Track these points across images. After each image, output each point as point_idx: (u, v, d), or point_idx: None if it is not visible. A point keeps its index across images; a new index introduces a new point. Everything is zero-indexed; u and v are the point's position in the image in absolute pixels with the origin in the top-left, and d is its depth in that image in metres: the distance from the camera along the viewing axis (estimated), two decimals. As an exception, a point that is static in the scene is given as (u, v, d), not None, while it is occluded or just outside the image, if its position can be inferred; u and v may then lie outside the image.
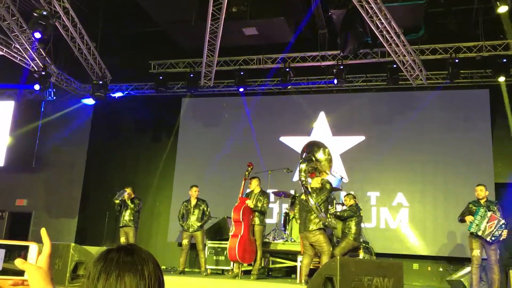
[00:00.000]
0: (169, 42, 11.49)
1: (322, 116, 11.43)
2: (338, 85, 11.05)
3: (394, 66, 10.34)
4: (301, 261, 7.33)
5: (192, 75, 11.56)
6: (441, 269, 10.02)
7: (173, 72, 12.04)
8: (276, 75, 11.46)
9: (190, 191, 8.95)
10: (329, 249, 7.00)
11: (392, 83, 10.58)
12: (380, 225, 10.56)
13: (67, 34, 10.44)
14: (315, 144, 7.90)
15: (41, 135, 12.91)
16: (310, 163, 7.46)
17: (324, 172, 7.48)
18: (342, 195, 9.21)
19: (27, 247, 1.23)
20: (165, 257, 10.90)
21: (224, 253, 9.11)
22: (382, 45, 9.90)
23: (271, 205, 9.75)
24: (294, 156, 9.84)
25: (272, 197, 9.74)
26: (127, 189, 9.26)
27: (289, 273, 9.69)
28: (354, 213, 8.12)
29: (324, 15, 10.61)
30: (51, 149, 12.87)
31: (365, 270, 5.57)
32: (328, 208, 7.47)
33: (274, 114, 11.76)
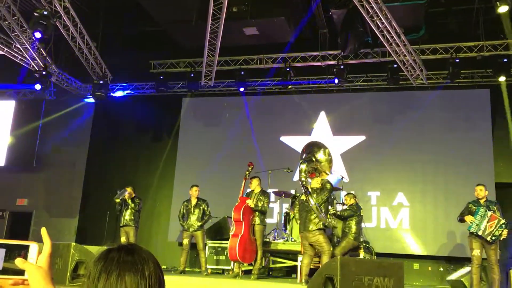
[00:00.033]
0: (170, 42, 11.50)
1: (323, 116, 11.43)
2: (339, 85, 11.05)
3: (395, 66, 10.35)
4: (301, 261, 7.32)
5: (193, 75, 11.58)
6: (442, 269, 10.02)
7: (174, 72, 12.05)
8: (277, 75, 11.46)
9: (191, 191, 8.94)
10: (330, 249, 6.99)
11: (393, 83, 10.59)
12: (381, 225, 10.55)
13: (68, 34, 10.44)
14: (315, 145, 7.88)
15: (42, 135, 12.91)
16: (310, 164, 7.45)
17: (324, 173, 7.47)
18: (343, 195, 9.20)
19: (28, 247, 1.23)
20: (166, 257, 10.90)
21: (225, 253, 9.11)
22: (383, 45, 9.90)
23: (272, 205, 9.76)
24: (295, 156, 9.83)
25: (273, 197, 9.73)
26: (128, 189, 9.26)
27: (290, 273, 9.70)
28: (355, 213, 8.12)
29: (325, 15, 10.62)
30: (52, 149, 12.87)
31: (366, 270, 5.58)
32: (328, 209, 7.46)
33: (275, 114, 11.75)
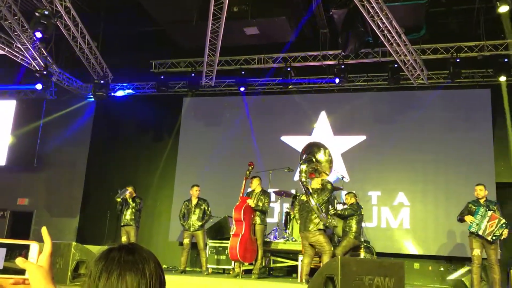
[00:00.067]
0: (170, 42, 11.50)
1: (323, 116, 11.42)
2: (339, 85, 11.05)
3: (395, 66, 10.34)
4: (302, 261, 7.32)
5: (193, 75, 11.58)
6: (442, 269, 10.01)
7: (174, 72, 12.06)
8: (277, 75, 11.46)
9: (191, 191, 8.94)
10: (330, 249, 6.99)
11: (393, 83, 10.58)
12: (381, 225, 10.55)
13: (69, 34, 10.45)
14: (315, 145, 7.88)
15: (43, 135, 12.92)
16: (311, 164, 7.45)
17: (324, 173, 7.47)
18: (343, 194, 9.20)
19: (28, 246, 1.23)
20: (166, 256, 10.90)
21: (225, 253, 9.11)
22: (383, 45, 9.89)
23: (272, 205, 9.75)
24: (295, 156, 9.82)
25: (273, 197, 9.72)
26: (129, 188, 9.26)
27: (290, 273, 9.70)
28: (355, 212, 8.12)
29: (325, 15, 10.61)
30: (53, 149, 12.87)
31: (366, 270, 5.58)
32: (329, 209, 7.46)
33: (275, 114, 11.74)
